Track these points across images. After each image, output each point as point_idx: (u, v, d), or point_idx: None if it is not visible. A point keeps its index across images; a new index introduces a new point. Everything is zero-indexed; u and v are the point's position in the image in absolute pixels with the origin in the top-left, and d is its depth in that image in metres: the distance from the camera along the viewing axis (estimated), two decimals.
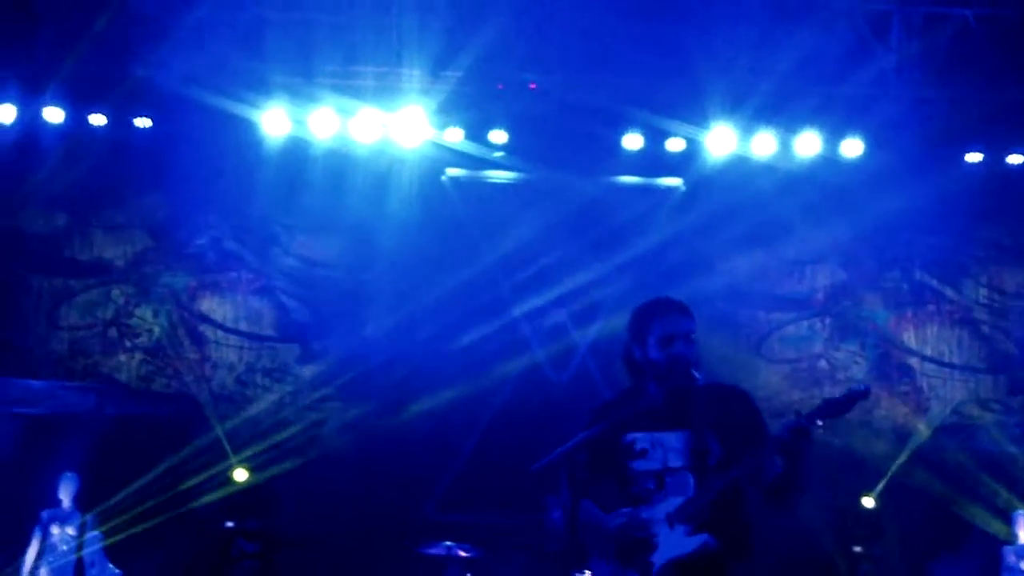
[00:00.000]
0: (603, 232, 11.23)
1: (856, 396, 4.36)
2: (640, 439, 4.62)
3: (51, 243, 11.12)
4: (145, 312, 11.07)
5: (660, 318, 4.70)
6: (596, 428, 4.58)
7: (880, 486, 10.40)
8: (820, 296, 11.60)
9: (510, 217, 11.28)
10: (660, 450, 4.60)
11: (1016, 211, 11.22)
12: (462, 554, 9.36)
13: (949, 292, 11.53)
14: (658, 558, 4.47)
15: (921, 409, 11.23)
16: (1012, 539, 9.42)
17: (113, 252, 11.16)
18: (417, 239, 11.15)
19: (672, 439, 4.60)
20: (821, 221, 11.16)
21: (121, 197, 11.22)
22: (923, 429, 11.06)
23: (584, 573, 8.91)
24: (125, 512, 9.82)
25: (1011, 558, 9.36)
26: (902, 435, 10.91)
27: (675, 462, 4.58)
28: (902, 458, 10.70)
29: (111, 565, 9.26)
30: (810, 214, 11.10)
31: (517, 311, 11.43)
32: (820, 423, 4.32)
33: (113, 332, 10.98)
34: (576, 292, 11.35)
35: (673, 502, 4.51)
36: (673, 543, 4.46)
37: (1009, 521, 9.54)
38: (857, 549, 10.14)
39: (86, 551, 8.85)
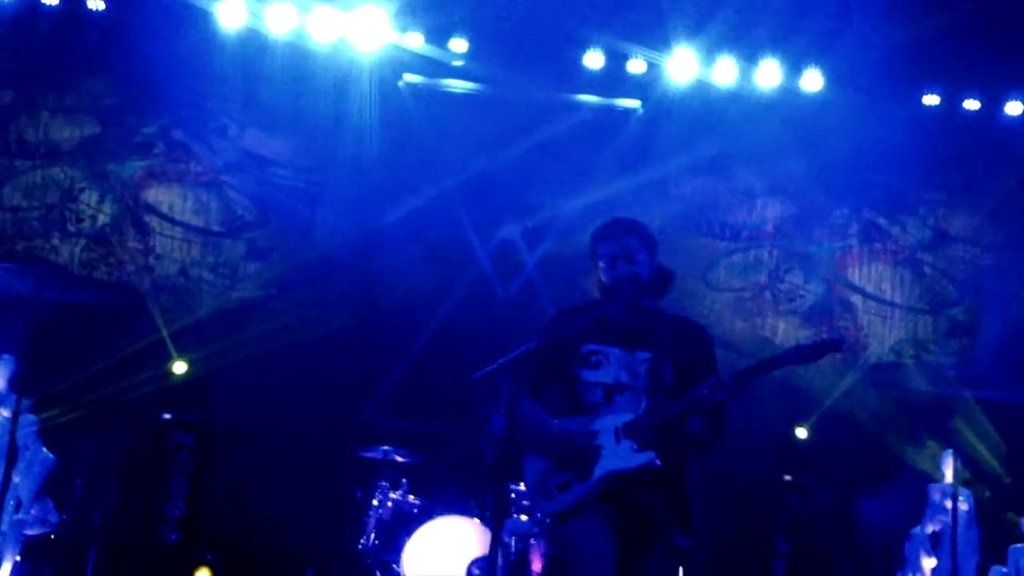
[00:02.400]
0: (559, 150, 11.17)
1: (828, 345, 4.55)
2: (596, 351, 4.71)
3: None
4: (90, 198, 10.84)
5: (603, 240, 4.83)
6: (543, 339, 4.65)
7: (814, 418, 10.54)
8: (769, 228, 11.65)
9: (466, 128, 11.18)
10: (615, 366, 4.71)
11: (968, 156, 11.30)
12: (399, 459, 9.43)
13: (895, 231, 11.62)
14: (600, 468, 4.57)
15: (860, 345, 11.37)
16: (939, 478, 9.61)
17: (60, 135, 10.86)
18: (372, 144, 11.02)
19: (629, 358, 4.71)
20: (777, 154, 11.19)
21: (71, 79, 10.91)
22: (860, 365, 11.21)
23: (519, 485, 9.06)
24: (61, 398, 9.70)
25: (936, 496, 9.56)
26: (839, 370, 11.03)
27: (627, 380, 4.69)
28: (838, 392, 10.84)
29: (45, 449, 9.17)
30: (766, 146, 11.14)
31: (468, 223, 11.39)
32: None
33: (56, 216, 10.75)
34: (528, 209, 11.31)
35: (622, 417, 4.60)
36: (618, 456, 4.58)
37: (937, 460, 9.72)
38: (787, 478, 10.28)
39: (20, 434, 8.74)
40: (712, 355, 4.81)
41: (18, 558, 8.94)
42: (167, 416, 9.80)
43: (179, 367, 9.95)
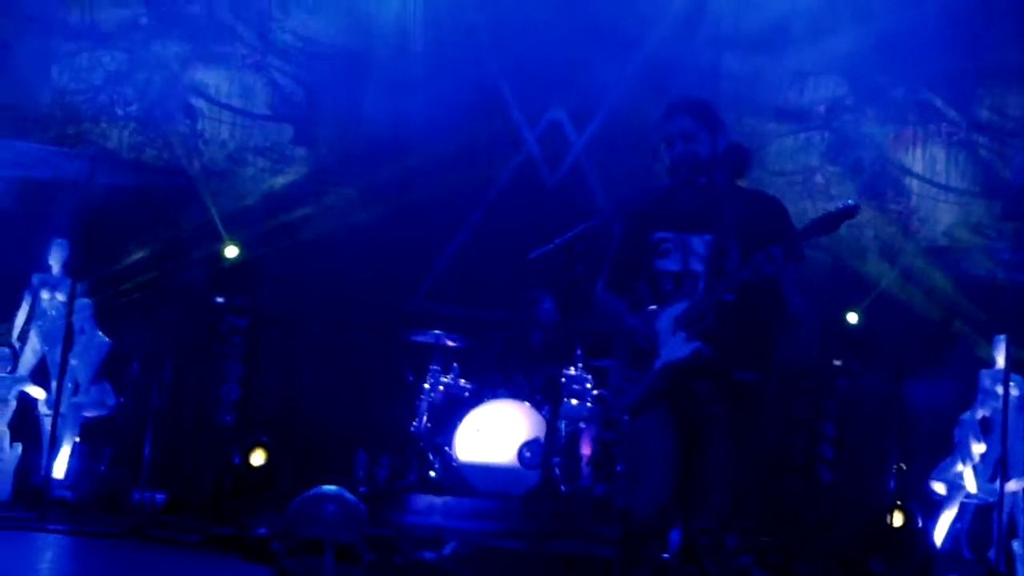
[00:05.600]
0: (606, 31, 10.95)
1: (843, 213, 4.37)
2: (665, 238, 4.63)
3: (40, 1, 10.72)
4: (137, 79, 10.80)
5: (663, 121, 4.70)
6: (597, 220, 4.60)
7: (865, 303, 10.46)
8: (821, 109, 11.43)
9: (513, 8, 10.98)
10: (682, 252, 4.60)
11: None
12: (450, 343, 9.50)
13: (952, 113, 11.37)
14: (659, 361, 4.53)
15: (912, 229, 11.23)
16: (991, 363, 9.52)
17: (106, 15, 10.74)
18: (416, 26, 10.87)
19: (696, 242, 4.60)
20: (829, 31, 10.89)
21: None
22: (913, 249, 11.10)
23: (568, 369, 9.14)
24: (115, 282, 9.81)
25: (987, 381, 9.47)
26: (891, 254, 10.94)
27: (695, 265, 4.58)
28: (889, 276, 10.75)
29: (100, 333, 9.31)
30: (819, 24, 10.85)
31: (514, 104, 11.27)
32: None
33: (104, 98, 10.71)
34: (575, 90, 11.16)
35: (680, 306, 4.54)
36: (672, 347, 4.52)
37: (990, 345, 9.62)
38: (837, 363, 10.24)
39: (76, 317, 8.86)
40: (787, 227, 4.59)
41: (77, 439, 9.16)
42: (220, 300, 9.85)
43: (231, 251, 9.96)
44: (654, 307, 4.62)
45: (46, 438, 8.83)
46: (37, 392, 9.16)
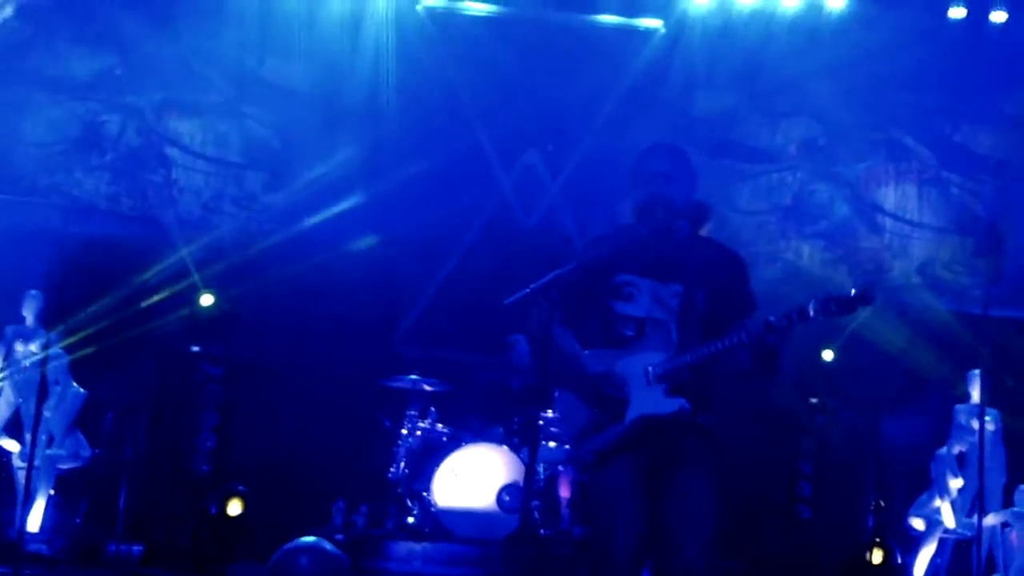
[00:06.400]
0: (580, 73, 11.06)
1: (859, 300, 4.20)
2: (630, 282, 4.61)
3: (12, 53, 10.71)
4: (111, 130, 10.80)
5: (644, 161, 4.70)
6: (571, 265, 4.61)
7: (840, 340, 10.48)
8: (792, 149, 11.51)
9: (486, 52, 11.07)
10: (647, 298, 4.59)
11: (995, 71, 11.09)
12: (427, 388, 9.49)
13: (922, 151, 11.47)
14: (631, 412, 4.50)
15: (886, 267, 11.30)
16: (965, 398, 9.58)
17: (78, 66, 10.77)
18: (389, 70, 10.92)
19: (662, 290, 4.59)
20: (800, 73, 11.01)
21: (87, 9, 10.82)
22: (886, 287, 11.13)
23: (547, 412, 9.11)
24: (90, 332, 9.76)
25: (962, 417, 9.52)
26: None
27: (660, 314, 4.57)
28: (863, 314, 10.73)
29: (75, 384, 9.27)
30: (790, 65, 10.96)
31: (489, 150, 11.31)
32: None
33: (78, 150, 10.72)
34: (550, 133, 11.20)
35: (652, 356, 4.51)
36: (649, 400, 4.49)
37: (963, 380, 9.67)
38: (813, 400, 10.28)
39: (50, 368, 8.81)
40: (746, 285, 4.68)
41: (52, 492, 9.08)
42: (195, 349, 9.81)
43: (206, 299, 9.93)
44: (588, 352, 4.62)
45: (20, 491, 8.75)
46: (11, 445, 9.10)
